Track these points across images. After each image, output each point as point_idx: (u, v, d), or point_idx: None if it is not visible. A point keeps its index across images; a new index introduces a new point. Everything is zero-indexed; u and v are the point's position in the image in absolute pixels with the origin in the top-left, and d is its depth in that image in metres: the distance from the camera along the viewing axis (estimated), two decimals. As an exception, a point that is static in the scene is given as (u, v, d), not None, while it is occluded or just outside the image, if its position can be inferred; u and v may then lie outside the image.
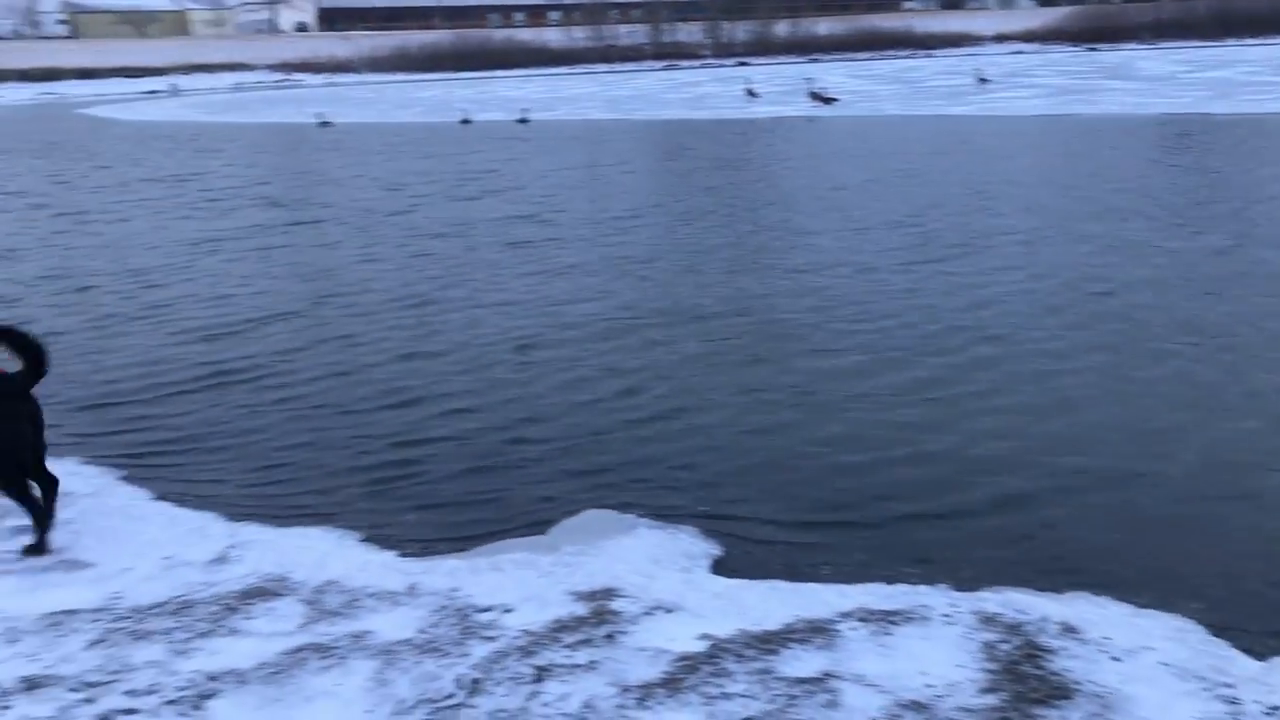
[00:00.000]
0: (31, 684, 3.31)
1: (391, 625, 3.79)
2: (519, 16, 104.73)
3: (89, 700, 3.23)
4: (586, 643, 3.56)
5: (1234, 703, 3.12)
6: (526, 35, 78.12)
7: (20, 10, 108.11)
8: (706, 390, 6.30)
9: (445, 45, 70.73)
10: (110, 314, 8.82)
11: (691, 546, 4.36)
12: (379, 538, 4.63)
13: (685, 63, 72.97)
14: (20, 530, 4.68)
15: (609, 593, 3.94)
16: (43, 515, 4.45)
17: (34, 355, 4.32)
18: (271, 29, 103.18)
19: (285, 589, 4.08)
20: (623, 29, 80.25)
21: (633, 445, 5.55)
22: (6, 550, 4.49)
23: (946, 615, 3.64)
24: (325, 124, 31.08)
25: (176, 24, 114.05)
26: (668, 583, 4.02)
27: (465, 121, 29.75)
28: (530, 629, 3.71)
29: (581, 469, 5.27)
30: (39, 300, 9.45)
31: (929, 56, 68.52)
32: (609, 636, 3.59)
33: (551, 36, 77.65)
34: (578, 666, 3.41)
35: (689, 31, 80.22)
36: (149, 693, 3.29)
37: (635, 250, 10.70)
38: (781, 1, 79.98)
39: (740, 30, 77.92)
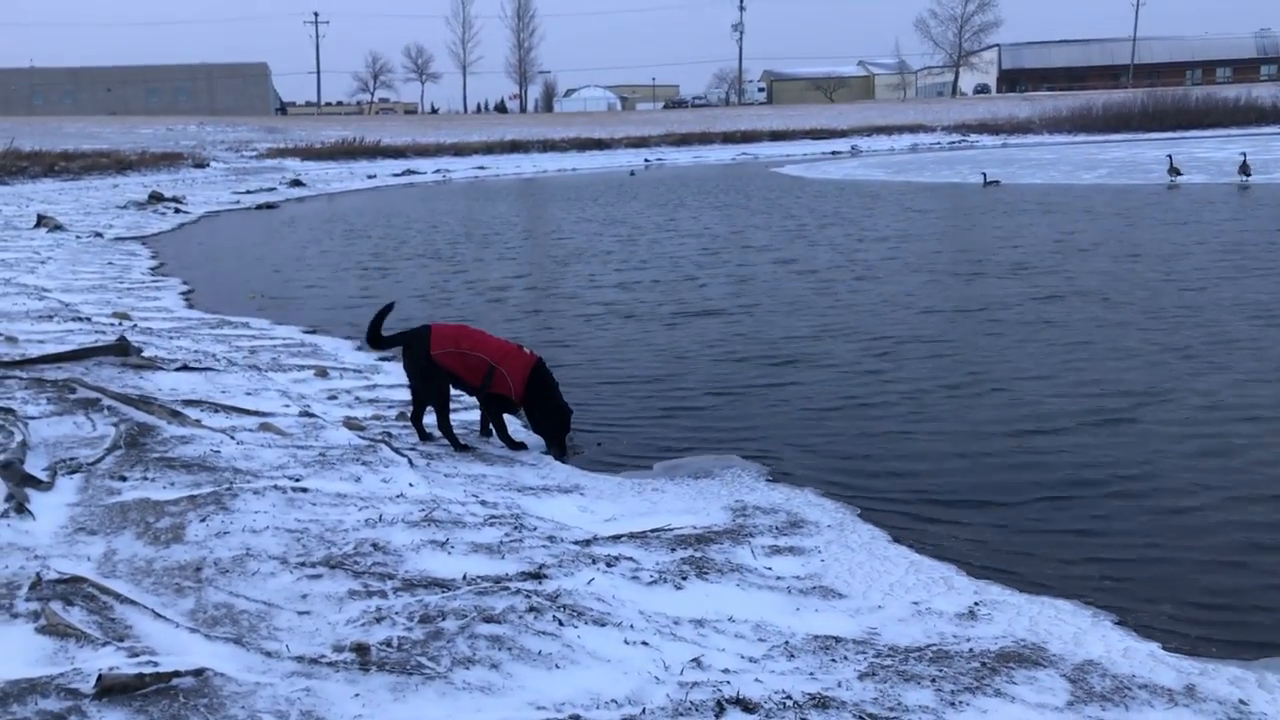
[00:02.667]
0: (819, 702, 3.47)
1: (1173, 726, 3.45)
2: (1223, 73, 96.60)
3: (876, 733, 3.30)
4: None
5: None
6: (1231, 92, 71.49)
7: (729, 80, 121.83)
8: None
9: (1134, 104, 67.05)
10: (919, 388, 8.14)
11: None
12: (1137, 625, 4.29)
13: None
14: (776, 550, 5.05)
15: None
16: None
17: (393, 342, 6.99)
18: (952, 92, 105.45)
19: (1044, 660, 3.91)
20: (1355, 81, 70.58)
21: None
22: (766, 567, 4.83)
23: None
24: (992, 183, 30.57)
25: (863, 89, 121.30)
26: None
27: (1173, 185, 27.52)
28: (1353, 771, 3.16)
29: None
30: (843, 358, 9.24)
31: None
32: None
33: (1263, 93, 70.29)
34: None
35: None
36: (930, 739, 3.29)
37: None
38: None
39: None
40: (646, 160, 58.15)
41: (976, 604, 4.43)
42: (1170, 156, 30.38)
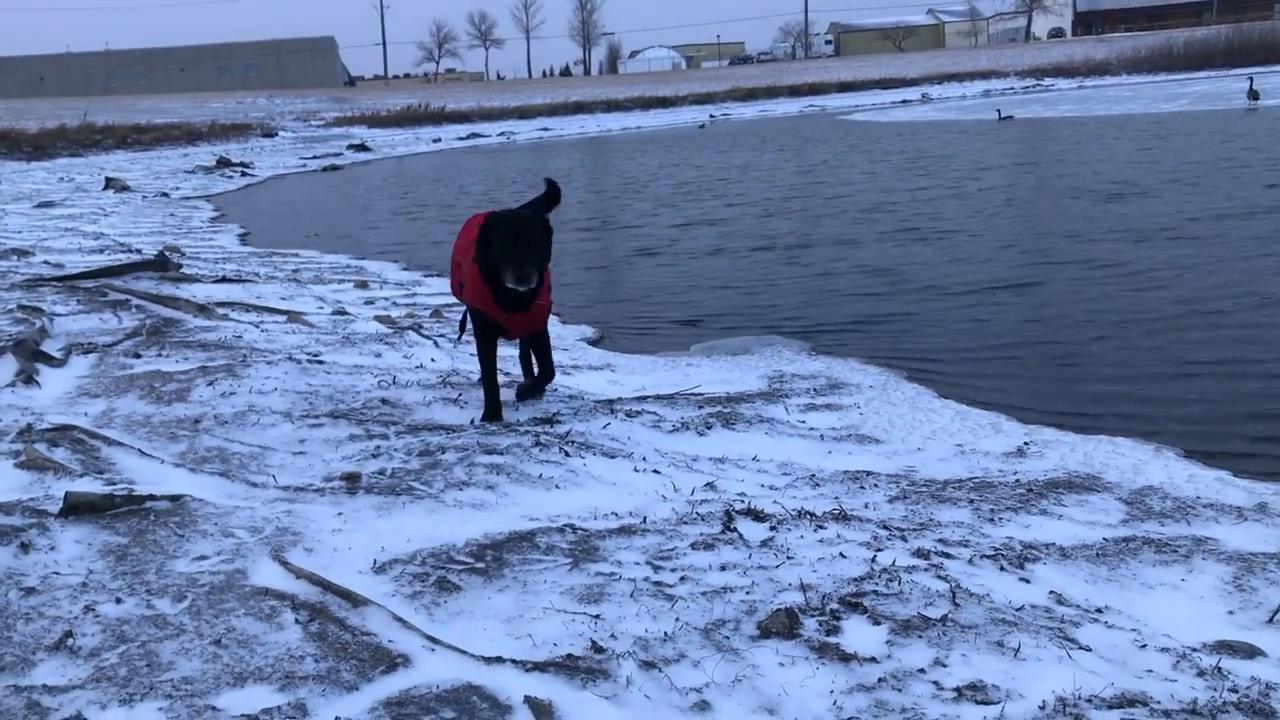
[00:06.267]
0: (839, 516, 3.16)
1: (1242, 537, 3.08)
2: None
3: (901, 538, 2.98)
4: None
5: None
6: (1321, 23, 68.25)
7: (795, 34, 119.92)
8: None
9: (1218, 40, 64.32)
10: (987, 285, 7.35)
11: None
12: (1203, 453, 3.92)
13: None
14: (811, 407, 4.73)
15: None
16: None
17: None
18: (1025, 36, 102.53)
19: (1098, 486, 3.55)
20: None
21: None
22: (800, 420, 4.52)
23: None
24: (1006, 118, 29.42)
25: (932, 37, 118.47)
26: None
27: (1252, 109, 26.03)
28: None
29: None
30: (914, 264, 8.34)
31: None
32: None
33: (1353, 22, 67.02)
34: None
35: None
36: (961, 544, 2.96)
37: None
38: None
39: None
40: (712, 115, 57.33)
41: (1026, 443, 4.08)
42: (1251, 79, 29.03)
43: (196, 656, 2.30)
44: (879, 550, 2.85)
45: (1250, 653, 2.39)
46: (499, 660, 2.27)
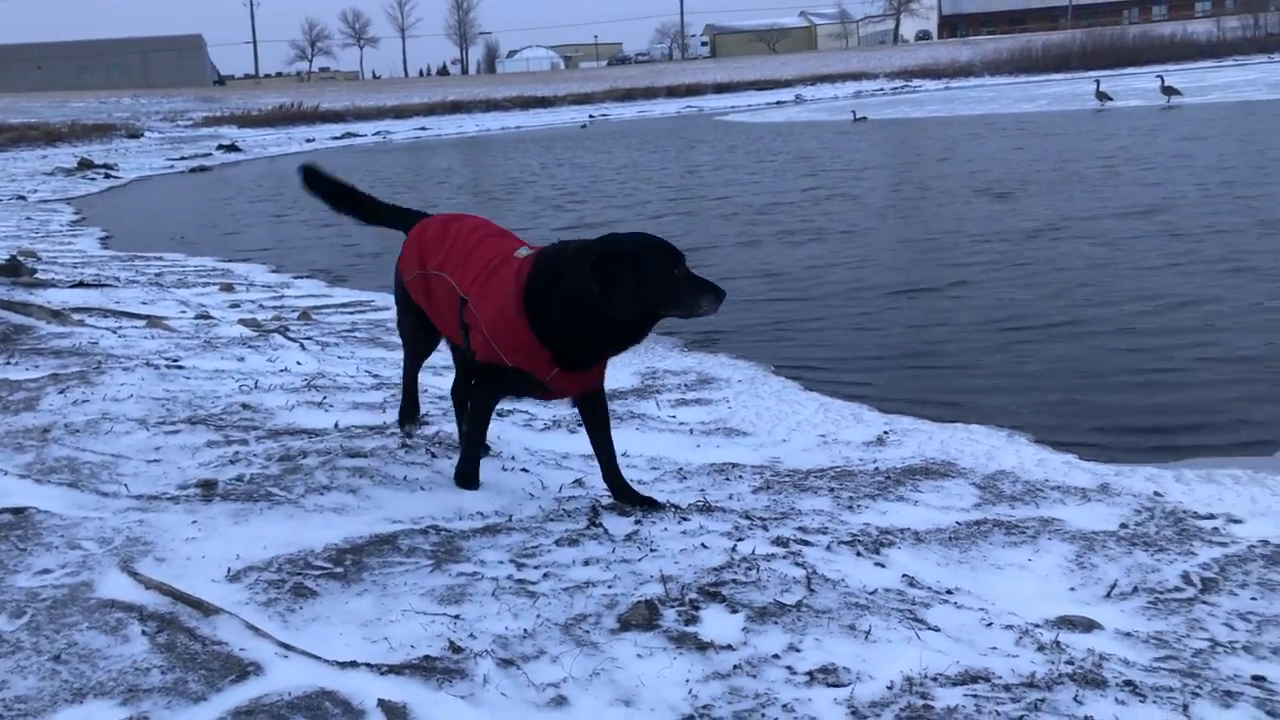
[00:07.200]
0: (704, 508, 3.20)
1: (1085, 517, 3.22)
2: (1159, 10, 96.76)
3: (762, 527, 3.04)
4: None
5: None
6: (1166, 29, 71.57)
7: (672, 35, 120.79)
8: None
9: (1073, 44, 67.01)
10: (854, 279, 8.23)
11: None
12: (1052, 440, 4.11)
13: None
14: (682, 402, 4.78)
15: (1382, 518, 3.03)
16: None
17: None
18: (893, 39, 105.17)
19: (953, 472, 3.67)
20: (1290, 16, 70.30)
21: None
22: (670, 415, 4.56)
23: None
24: (860, 119, 30.85)
25: (805, 39, 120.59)
26: None
27: (1102, 110, 27.35)
28: (1272, 541, 2.95)
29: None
30: (776, 252, 9.33)
31: None
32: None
33: (1198, 29, 70.41)
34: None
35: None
36: (820, 532, 3.03)
37: None
38: None
39: None
40: (591, 115, 57.34)
41: (886, 432, 4.19)
42: (1098, 81, 30.56)
43: (33, 674, 2.21)
44: (740, 540, 2.90)
45: (1088, 626, 2.50)
46: (353, 665, 2.23)
